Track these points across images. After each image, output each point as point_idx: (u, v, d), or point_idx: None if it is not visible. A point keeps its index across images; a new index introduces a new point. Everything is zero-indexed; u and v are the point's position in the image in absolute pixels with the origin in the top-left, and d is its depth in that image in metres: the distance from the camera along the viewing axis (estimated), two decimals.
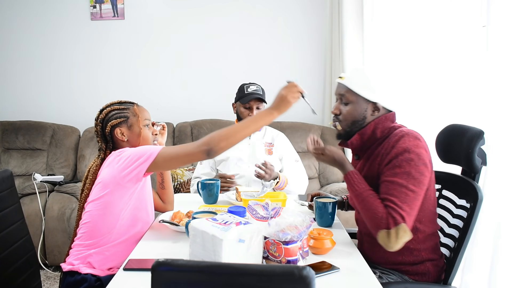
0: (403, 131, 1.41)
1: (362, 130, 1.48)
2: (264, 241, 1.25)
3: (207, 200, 1.91)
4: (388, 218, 1.28)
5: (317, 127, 3.30)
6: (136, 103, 1.63)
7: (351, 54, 2.97)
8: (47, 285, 2.62)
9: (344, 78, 1.50)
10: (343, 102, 1.50)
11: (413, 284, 1.44)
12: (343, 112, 1.50)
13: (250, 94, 2.26)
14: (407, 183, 1.31)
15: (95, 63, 3.57)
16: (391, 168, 1.35)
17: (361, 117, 1.48)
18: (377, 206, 1.31)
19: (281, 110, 1.42)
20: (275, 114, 1.42)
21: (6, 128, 3.35)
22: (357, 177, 1.41)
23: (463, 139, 1.49)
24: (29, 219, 2.43)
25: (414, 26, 2.34)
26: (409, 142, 1.35)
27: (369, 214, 1.33)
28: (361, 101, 1.47)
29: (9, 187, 1.55)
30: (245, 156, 2.35)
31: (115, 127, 1.56)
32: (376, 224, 1.30)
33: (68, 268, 1.50)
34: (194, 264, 0.86)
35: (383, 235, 1.29)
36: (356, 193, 1.39)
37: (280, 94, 1.42)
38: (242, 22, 3.50)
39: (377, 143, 1.47)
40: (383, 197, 1.33)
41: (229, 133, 1.37)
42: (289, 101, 1.41)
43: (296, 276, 0.74)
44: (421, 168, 1.33)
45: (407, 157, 1.33)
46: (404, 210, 1.28)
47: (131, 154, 1.42)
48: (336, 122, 1.54)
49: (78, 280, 1.46)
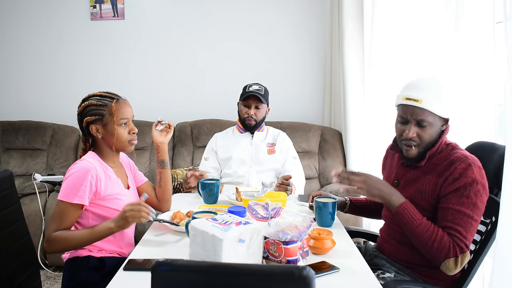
0: (468, 158, 1.40)
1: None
2: (264, 241, 1.25)
3: (207, 200, 1.91)
4: (455, 247, 1.33)
5: (317, 127, 3.30)
6: (116, 98, 1.58)
7: (351, 54, 2.97)
8: (47, 285, 2.62)
9: (421, 101, 1.39)
10: (420, 126, 1.43)
11: (422, 285, 1.46)
12: (422, 135, 1.43)
13: (249, 93, 2.28)
14: (473, 213, 1.35)
15: (95, 63, 3.57)
16: (458, 196, 1.37)
17: (437, 136, 1.45)
18: (442, 236, 1.35)
19: (121, 226, 1.44)
20: (114, 228, 1.44)
21: (6, 128, 3.35)
22: (412, 209, 1.40)
23: (494, 155, 1.51)
24: (29, 219, 2.43)
25: (415, 26, 2.33)
26: (477, 173, 1.37)
27: (435, 245, 1.35)
28: (437, 120, 1.43)
29: (9, 187, 1.55)
30: (247, 157, 2.38)
31: (91, 124, 1.56)
32: (443, 254, 1.34)
33: (68, 256, 1.56)
34: (194, 264, 0.86)
35: (450, 263, 1.34)
36: (416, 224, 1.38)
37: (123, 210, 1.44)
38: (242, 22, 3.50)
39: (435, 157, 1.47)
40: (449, 225, 1.36)
41: (69, 240, 1.45)
42: (128, 221, 1.43)
43: (296, 276, 0.74)
44: (484, 198, 1.38)
45: (475, 188, 1.36)
46: (468, 240, 1.35)
47: (63, 184, 1.50)
48: (413, 145, 1.46)
49: (79, 262, 1.53)
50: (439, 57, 2.14)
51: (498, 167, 1.49)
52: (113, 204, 1.56)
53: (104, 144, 1.59)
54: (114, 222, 1.43)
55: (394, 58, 2.54)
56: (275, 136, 2.46)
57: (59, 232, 1.45)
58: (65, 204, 1.46)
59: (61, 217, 1.46)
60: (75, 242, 1.45)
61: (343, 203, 1.79)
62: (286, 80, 3.52)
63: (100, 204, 1.53)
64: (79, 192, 1.47)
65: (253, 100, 2.30)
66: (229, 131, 2.50)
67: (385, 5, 2.59)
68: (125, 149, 1.62)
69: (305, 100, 3.56)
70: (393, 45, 2.53)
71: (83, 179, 1.47)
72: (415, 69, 2.33)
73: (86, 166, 1.50)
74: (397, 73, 2.50)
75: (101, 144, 1.59)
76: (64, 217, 1.46)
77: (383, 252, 1.60)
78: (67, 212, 1.47)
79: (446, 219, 1.37)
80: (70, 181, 1.48)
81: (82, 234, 1.45)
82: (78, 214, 1.50)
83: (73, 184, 1.47)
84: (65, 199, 1.46)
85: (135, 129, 1.61)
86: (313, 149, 3.23)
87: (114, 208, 1.55)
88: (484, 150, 1.59)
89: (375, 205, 1.79)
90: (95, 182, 1.50)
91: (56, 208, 1.48)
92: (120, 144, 1.58)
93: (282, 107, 3.40)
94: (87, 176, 1.48)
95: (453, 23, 2.00)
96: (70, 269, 1.55)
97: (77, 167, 1.51)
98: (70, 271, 1.54)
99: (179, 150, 3.27)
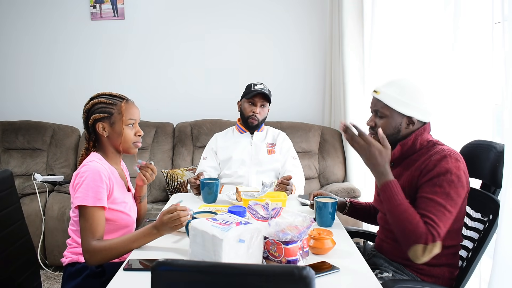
0: (444, 150, 1.42)
1: (403, 141, 1.50)
2: (264, 241, 1.25)
3: (207, 198, 1.92)
4: (428, 234, 1.32)
5: (317, 127, 3.30)
6: (125, 99, 1.58)
7: (351, 54, 2.97)
8: (47, 285, 2.62)
9: (379, 92, 1.50)
10: (378, 116, 1.52)
11: (420, 284, 1.46)
12: (378, 125, 1.52)
13: (256, 90, 2.30)
14: (445, 203, 1.35)
15: (95, 63, 3.57)
16: (431, 186, 1.38)
17: (395, 131, 1.50)
18: (418, 221, 1.35)
19: (162, 233, 1.41)
20: (157, 234, 1.40)
21: (6, 128, 3.35)
22: (398, 188, 1.42)
23: (490, 153, 1.52)
24: (29, 219, 2.43)
25: (414, 26, 2.33)
26: (451, 164, 1.38)
27: (409, 227, 1.35)
28: (395, 115, 1.48)
29: (9, 187, 1.55)
30: (247, 157, 2.38)
31: (98, 121, 1.53)
32: (414, 238, 1.33)
33: (67, 261, 1.54)
34: (194, 264, 0.86)
35: (418, 249, 1.33)
36: (396, 203, 1.39)
37: (162, 221, 1.38)
38: (242, 22, 3.50)
39: (415, 153, 1.50)
40: (422, 212, 1.36)
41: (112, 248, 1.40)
42: (171, 230, 1.40)
43: (296, 276, 0.74)
44: (459, 190, 1.38)
45: (448, 178, 1.36)
46: (441, 228, 1.34)
47: (81, 188, 1.43)
48: (372, 134, 1.54)
49: (79, 268, 1.50)
50: (438, 57, 2.14)
51: (495, 165, 1.50)
52: (121, 207, 1.53)
53: (108, 144, 1.56)
54: (156, 229, 1.38)
55: (394, 58, 2.54)
56: (275, 137, 2.46)
57: (98, 242, 1.40)
58: (92, 209, 1.41)
59: (93, 224, 1.40)
60: (117, 252, 1.39)
61: (343, 204, 1.80)
62: (286, 80, 3.52)
63: (110, 207, 1.50)
64: (100, 194, 1.43)
65: (259, 98, 2.31)
66: (229, 131, 2.50)
67: (385, 5, 2.59)
68: (129, 151, 1.58)
69: (305, 100, 3.56)
70: (393, 45, 2.53)
71: (100, 180, 1.44)
72: (415, 69, 2.33)
73: (97, 167, 1.46)
74: (397, 73, 2.50)
75: (106, 144, 1.56)
76: (95, 223, 1.41)
77: (381, 251, 1.60)
78: (97, 218, 1.41)
79: (419, 206, 1.38)
80: (87, 185, 1.42)
81: (124, 242, 1.39)
82: (104, 218, 1.46)
83: (92, 187, 1.42)
84: (91, 204, 1.40)
85: (141, 131, 1.60)
86: (313, 149, 3.23)
87: (121, 211, 1.53)
88: (481, 149, 1.60)
89: (374, 210, 1.80)
90: (109, 183, 1.48)
91: (83, 217, 1.41)
92: (126, 144, 1.56)
93: (282, 107, 3.41)
94: (102, 177, 1.45)
95: (452, 23, 2.00)
96: (69, 276, 1.52)
97: (88, 169, 1.46)
98: (69, 277, 1.51)
99: (179, 150, 3.27)
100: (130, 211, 1.59)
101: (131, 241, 1.39)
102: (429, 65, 2.23)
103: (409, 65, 2.40)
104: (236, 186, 2.01)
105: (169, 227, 1.37)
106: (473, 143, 1.67)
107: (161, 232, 1.39)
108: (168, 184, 3.05)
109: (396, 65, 2.52)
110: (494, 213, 1.45)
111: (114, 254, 1.40)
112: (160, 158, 3.24)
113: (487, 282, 1.55)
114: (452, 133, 1.96)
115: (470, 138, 1.73)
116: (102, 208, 1.44)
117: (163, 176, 3.09)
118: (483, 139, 1.69)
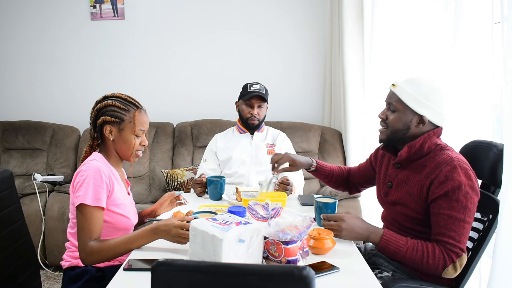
0: (453, 159, 1.41)
1: (411, 143, 1.50)
2: (264, 241, 1.25)
3: (213, 195, 1.99)
4: (450, 255, 1.35)
5: (317, 127, 3.30)
6: (139, 108, 1.56)
7: (351, 55, 2.97)
8: (47, 285, 2.62)
9: (397, 86, 1.50)
10: (390, 109, 1.53)
11: (420, 283, 1.46)
12: (389, 118, 1.53)
13: (252, 92, 2.30)
14: (465, 216, 1.37)
15: (95, 63, 3.57)
16: (448, 201, 1.38)
17: (405, 127, 1.50)
18: (433, 250, 1.37)
19: (160, 237, 1.39)
20: (156, 237, 1.39)
21: (6, 128, 3.35)
22: (394, 238, 1.41)
23: (490, 153, 1.53)
24: (29, 219, 2.43)
25: (415, 26, 2.33)
26: (463, 176, 1.38)
27: (430, 261, 1.37)
28: (408, 111, 1.49)
29: (9, 187, 1.55)
30: (247, 157, 2.38)
31: (107, 124, 1.51)
32: (440, 266, 1.36)
33: (67, 265, 1.53)
34: (194, 264, 0.86)
35: (449, 270, 1.36)
36: (404, 251, 1.39)
37: (167, 228, 1.37)
38: (242, 22, 3.50)
39: (423, 158, 1.50)
40: (442, 231, 1.37)
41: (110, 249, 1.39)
42: (172, 238, 1.38)
43: (296, 276, 0.74)
44: (475, 199, 1.39)
45: (464, 191, 1.37)
46: (463, 243, 1.37)
47: (82, 187, 1.42)
48: (382, 127, 1.57)
49: (79, 273, 1.49)
50: (438, 57, 2.15)
51: (494, 164, 1.50)
52: (121, 209, 1.52)
53: (112, 148, 1.55)
54: (155, 233, 1.37)
55: (394, 58, 2.54)
56: (275, 137, 2.47)
57: (96, 242, 1.39)
58: (91, 209, 1.40)
59: (91, 224, 1.39)
60: (114, 252, 1.38)
61: (309, 165, 1.90)
62: (286, 80, 3.53)
63: (110, 208, 1.48)
64: (99, 194, 1.41)
65: (256, 99, 2.32)
66: (229, 131, 2.50)
67: (385, 5, 2.59)
68: (129, 158, 1.57)
69: (305, 100, 3.56)
70: (393, 45, 2.54)
71: (100, 180, 1.43)
72: (415, 69, 2.34)
73: (98, 166, 1.45)
74: (397, 73, 2.50)
75: (110, 146, 1.55)
76: (93, 223, 1.39)
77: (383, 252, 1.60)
78: (95, 218, 1.40)
79: (439, 225, 1.39)
80: (87, 183, 1.41)
81: (120, 243, 1.38)
82: (102, 219, 1.44)
83: (92, 186, 1.41)
84: (91, 203, 1.39)
85: (146, 142, 1.59)
86: (313, 149, 3.23)
87: (120, 213, 1.52)
88: (480, 149, 1.60)
89: (335, 179, 1.91)
90: (109, 183, 1.47)
91: (81, 216, 1.40)
92: (129, 152, 1.55)
93: (282, 107, 3.41)
94: (102, 176, 1.44)
95: (452, 23, 2.00)
96: (69, 280, 1.50)
97: (89, 167, 1.44)
98: (69, 281, 1.50)
99: (179, 150, 3.27)
100: (130, 213, 1.58)
101: (128, 242, 1.38)
102: (429, 65, 2.23)
103: (409, 65, 2.40)
104: (236, 186, 2.02)
105: (171, 237, 1.36)
106: (473, 143, 1.67)
107: (160, 237, 1.38)
108: (168, 184, 3.05)
109: (396, 65, 2.53)
110: (493, 212, 1.46)
111: (110, 255, 1.39)
112: (160, 158, 3.25)
113: (487, 281, 1.56)
114: (452, 133, 1.96)
115: (470, 138, 1.73)
116: (101, 209, 1.43)
117: (163, 176, 3.09)
118: (483, 139, 1.69)
